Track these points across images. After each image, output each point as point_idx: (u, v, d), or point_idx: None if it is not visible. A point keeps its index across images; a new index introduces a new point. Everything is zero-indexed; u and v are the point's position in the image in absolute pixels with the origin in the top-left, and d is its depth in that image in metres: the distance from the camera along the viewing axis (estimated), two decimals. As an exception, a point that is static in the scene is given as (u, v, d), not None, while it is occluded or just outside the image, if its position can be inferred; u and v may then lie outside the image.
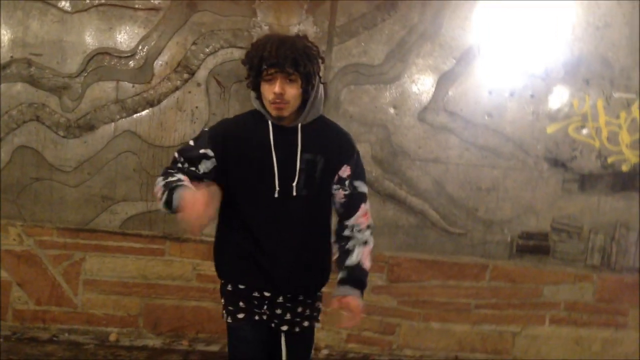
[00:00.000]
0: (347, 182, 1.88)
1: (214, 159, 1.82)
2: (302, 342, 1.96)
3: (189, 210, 1.57)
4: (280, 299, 1.88)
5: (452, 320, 3.53)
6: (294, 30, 3.27)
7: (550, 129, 3.44)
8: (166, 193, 1.69)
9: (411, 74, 3.40)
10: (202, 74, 3.29)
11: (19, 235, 3.28)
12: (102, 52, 3.26)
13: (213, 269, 1.98)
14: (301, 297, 1.91)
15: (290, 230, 1.82)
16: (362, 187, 1.93)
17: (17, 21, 3.20)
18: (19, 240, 3.28)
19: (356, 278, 1.85)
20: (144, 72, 3.28)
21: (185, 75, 3.28)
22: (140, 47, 3.27)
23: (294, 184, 1.80)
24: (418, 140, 3.44)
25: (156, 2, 3.24)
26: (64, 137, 3.27)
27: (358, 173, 1.91)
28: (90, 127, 3.29)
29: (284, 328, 1.90)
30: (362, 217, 1.91)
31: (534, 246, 3.55)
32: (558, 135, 3.45)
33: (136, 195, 3.31)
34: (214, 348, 3.33)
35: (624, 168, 3.52)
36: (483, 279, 3.52)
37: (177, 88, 3.30)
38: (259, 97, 1.82)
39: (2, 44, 3.20)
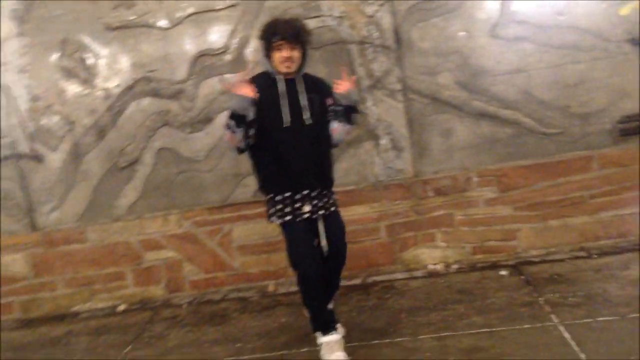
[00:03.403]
0: (331, 107, 3.15)
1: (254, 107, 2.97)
2: (336, 221, 3.23)
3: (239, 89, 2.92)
4: (314, 194, 3.10)
5: (570, 214, 4.27)
6: (357, -12, 4.15)
7: (624, 10, 4.00)
8: (230, 127, 2.96)
9: (474, -5, 4.12)
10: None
11: (177, 221, 4.56)
12: (202, 55, 4.36)
13: (347, 213, 3.26)
14: (325, 191, 3.16)
15: (307, 148, 3.06)
16: (343, 106, 3.15)
17: (130, 47, 4.40)
18: (179, 225, 4.56)
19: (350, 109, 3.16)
20: (238, 61, 4.34)
21: (274, 55, 4.29)
22: (230, 42, 4.33)
23: (307, 115, 3.03)
24: (495, 56, 4.17)
25: (233, 0, 4.27)
26: (190, 133, 4.46)
27: (337, 100, 3.12)
28: (208, 120, 4.44)
29: (321, 212, 3.13)
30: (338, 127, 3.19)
31: (636, 127, 4.15)
32: (632, 15, 4.00)
33: (259, 167, 4.42)
34: (356, 281, 4.38)
35: None
36: (591, 169, 4.21)
37: (270, 67, 4.32)
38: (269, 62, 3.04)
39: (124, 70, 4.42)
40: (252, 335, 3.76)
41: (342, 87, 3.08)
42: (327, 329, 3.19)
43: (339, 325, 3.28)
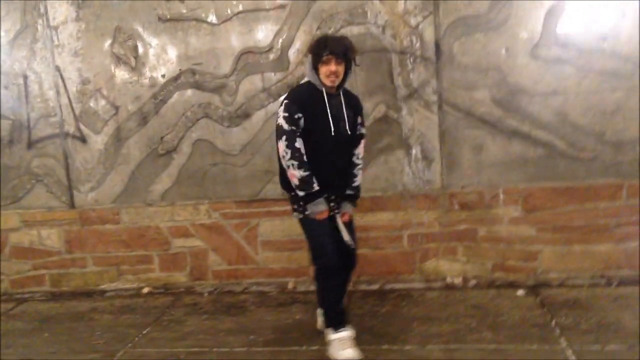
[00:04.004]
0: (359, 127, 3.54)
1: (303, 118, 3.27)
2: (348, 223, 3.53)
3: (319, 217, 3.33)
4: (333, 197, 3.45)
5: (594, 241, 4.34)
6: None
7: (666, 41, 4.07)
8: (312, 193, 3.28)
9: (517, 15, 4.24)
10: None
11: (207, 211, 4.80)
12: (247, 52, 4.60)
13: (365, 218, 3.59)
14: (340, 196, 3.50)
15: (340, 156, 3.43)
16: (364, 130, 3.61)
17: (179, 40, 4.67)
18: (208, 215, 4.81)
19: (356, 196, 3.57)
20: (281, 61, 4.57)
21: (315, 58, 4.50)
22: (275, 41, 4.55)
23: (347, 127, 3.39)
24: (534, 77, 4.28)
25: (282, 0, 4.50)
26: (228, 127, 4.70)
27: (363, 121, 3.60)
28: (247, 115, 4.67)
29: (337, 211, 3.48)
30: (362, 147, 3.58)
31: (670, 160, 4.21)
32: (675, 47, 4.07)
33: (291, 165, 4.63)
34: (374, 287, 4.54)
35: None
36: (620, 198, 4.28)
37: (310, 70, 4.53)
38: (316, 73, 3.33)
39: (172, 61, 4.69)
40: (266, 329, 3.96)
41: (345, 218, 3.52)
42: (339, 325, 3.40)
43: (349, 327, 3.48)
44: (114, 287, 4.98)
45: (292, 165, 3.25)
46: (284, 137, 3.25)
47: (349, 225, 3.55)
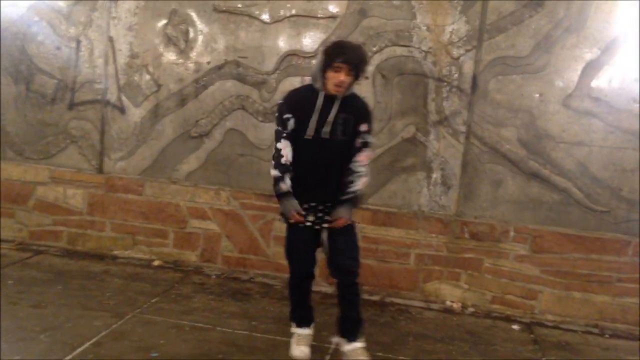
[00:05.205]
0: (363, 134, 3.36)
1: (293, 119, 3.26)
2: (345, 235, 3.39)
3: (290, 217, 3.31)
4: (321, 207, 3.35)
5: (594, 291, 4.48)
6: (448, 29, 4.50)
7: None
8: (280, 193, 3.28)
9: (556, 64, 4.41)
10: (369, 69, 4.63)
11: (227, 198, 4.99)
12: (291, 54, 4.79)
13: (376, 231, 3.67)
14: (330, 204, 3.35)
15: (324, 162, 3.30)
16: (370, 139, 3.41)
17: (229, 31, 4.86)
18: (227, 202, 4.99)
19: (352, 201, 3.36)
20: (323, 68, 4.75)
21: (357, 71, 4.68)
22: (320, 48, 4.74)
23: (327, 130, 3.24)
24: (562, 125, 4.44)
25: (334, 11, 4.68)
26: (261, 121, 4.88)
27: (369, 129, 3.39)
28: (281, 114, 4.85)
29: (325, 225, 3.36)
30: (365, 156, 3.38)
31: (680, 226, 4.35)
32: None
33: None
34: (375, 298, 4.69)
35: None
36: (625, 254, 4.42)
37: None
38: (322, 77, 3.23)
39: (219, 50, 4.89)
40: (268, 318, 4.13)
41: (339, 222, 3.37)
42: (301, 322, 3.61)
43: (313, 325, 3.66)
44: (126, 254, 5.17)
45: (271, 164, 3.29)
46: (274, 136, 3.33)
47: (347, 231, 3.40)
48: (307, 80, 4.60)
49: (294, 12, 4.74)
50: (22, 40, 5.14)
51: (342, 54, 3.14)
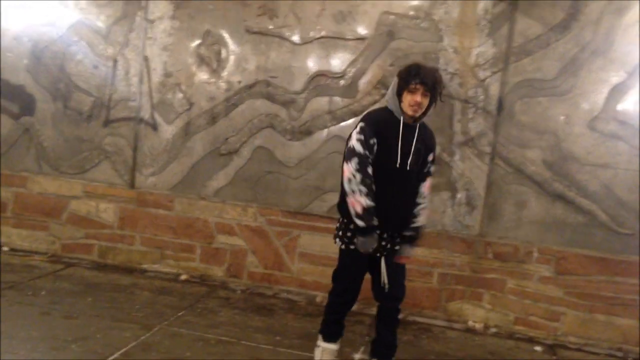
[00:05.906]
0: (429, 164, 3.38)
1: (376, 144, 3.17)
2: (397, 263, 3.38)
3: (365, 252, 3.21)
4: (386, 235, 3.28)
5: (618, 314, 4.46)
6: (475, 52, 4.58)
7: None
8: (371, 226, 3.13)
9: (583, 86, 4.44)
10: (396, 90, 4.73)
11: (254, 214, 5.09)
12: (320, 74, 4.90)
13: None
14: (393, 233, 3.31)
15: (402, 192, 3.26)
16: (433, 168, 3.44)
17: (260, 52, 5.00)
18: (254, 218, 5.09)
19: (417, 237, 3.38)
20: (351, 89, 4.85)
21: (383, 91, 4.75)
22: (348, 69, 4.85)
23: (408, 161, 3.20)
24: (587, 147, 4.47)
25: (363, 33, 4.79)
26: (289, 140, 4.99)
27: (434, 159, 3.41)
28: (309, 133, 4.96)
29: (385, 253, 3.31)
30: (428, 187, 3.40)
31: None
32: None
33: (341, 187, 4.88)
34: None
35: None
36: (651, 278, 4.41)
37: (376, 101, 4.78)
38: (399, 100, 3.18)
39: (250, 70, 5.03)
40: (292, 333, 4.19)
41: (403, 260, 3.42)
42: (330, 337, 3.60)
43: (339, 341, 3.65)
44: (155, 268, 5.28)
45: (360, 191, 3.08)
46: (355, 160, 3.10)
47: (401, 267, 3.42)
48: (336, 100, 4.83)
49: (323, 33, 4.86)
50: (61, 59, 5.34)
51: (417, 75, 3.08)
